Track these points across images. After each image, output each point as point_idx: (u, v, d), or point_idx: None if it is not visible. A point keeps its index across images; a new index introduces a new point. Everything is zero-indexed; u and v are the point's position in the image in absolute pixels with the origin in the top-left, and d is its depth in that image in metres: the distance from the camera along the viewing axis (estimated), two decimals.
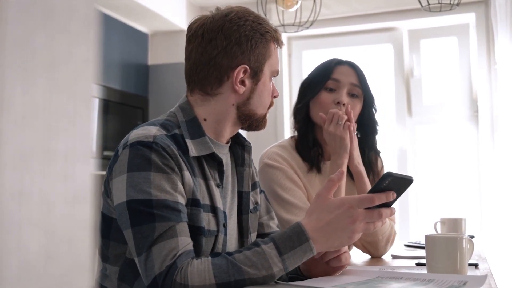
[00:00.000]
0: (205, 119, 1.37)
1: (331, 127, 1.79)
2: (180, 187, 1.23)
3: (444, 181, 4.08)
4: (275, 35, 1.41)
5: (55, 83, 0.46)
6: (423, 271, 1.42)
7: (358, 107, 1.89)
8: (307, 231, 1.16)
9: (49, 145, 0.46)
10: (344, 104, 1.85)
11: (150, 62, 4.08)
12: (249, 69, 1.35)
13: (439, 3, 2.59)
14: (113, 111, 3.33)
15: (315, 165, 1.87)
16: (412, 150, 4.17)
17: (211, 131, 1.38)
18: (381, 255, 1.88)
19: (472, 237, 1.89)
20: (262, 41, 1.37)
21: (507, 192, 3.64)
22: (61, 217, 0.47)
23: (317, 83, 1.88)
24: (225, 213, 1.36)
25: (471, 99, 4.05)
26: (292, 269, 1.17)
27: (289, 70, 4.48)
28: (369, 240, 1.84)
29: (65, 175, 0.47)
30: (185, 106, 1.40)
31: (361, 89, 1.89)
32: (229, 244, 1.37)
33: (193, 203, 1.26)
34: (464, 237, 1.37)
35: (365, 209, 1.17)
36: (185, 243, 1.17)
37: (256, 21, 1.38)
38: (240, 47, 1.34)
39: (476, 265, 1.59)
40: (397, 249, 2.02)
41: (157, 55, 4.28)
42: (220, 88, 1.36)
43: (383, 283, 1.25)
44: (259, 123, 1.43)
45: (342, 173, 1.21)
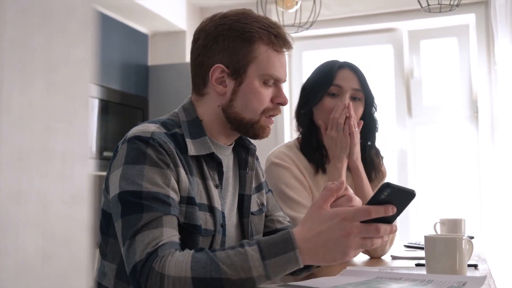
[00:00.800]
0: (202, 120, 1.38)
1: (332, 132, 1.86)
2: (173, 182, 1.23)
3: (444, 182, 4.08)
4: (265, 38, 1.34)
5: (53, 84, 0.47)
6: (423, 271, 1.42)
7: (360, 110, 1.94)
8: (296, 240, 1.08)
9: (46, 146, 0.46)
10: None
11: (150, 62, 4.09)
12: (226, 69, 1.33)
13: (439, 4, 2.59)
14: (113, 111, 3.34)
15: (320, 166, 1.91)
16: (412, 150, 4.17)
17: (209, 132, 1.38)
18: (381, 255, 1.89)
19: (471, 237, 1.89)
20: (240, 40, 1.33)
21: (507, 192, 3.64)
22: (59, 217, 0.47)
23: (320, 89, 1.92)
24: (223, 213, 1.36)
25: (471, 100, 4.05)
26: (276, 277, 1.10)
27: (289, 70, 4.48)
28: None
29: (62, 175, 0.47)
30: (187, 106, 1.41)
31: (363, 92, 1.93)
32: (227, 245, 1.37)
33: (189, 201, 1.27)
34: (463, 237, 1.37)
35: (362, 222, 1.06)
36: (170, 234, 1.16)
37: (240, 21, 1.34)
38: (217, 46, 1.34)
39: (475, 266, 1.59)
40: (397, 249, 2.03)
41: (157, 56, 4.28)
42: (206, 88, 1.38)
43: (382, 283, 1.25)
44: (253, 130, 1.37)
45: (342, 183, 1.11)
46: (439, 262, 1.36)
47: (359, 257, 1.88)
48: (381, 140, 2.14)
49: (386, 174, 2.16)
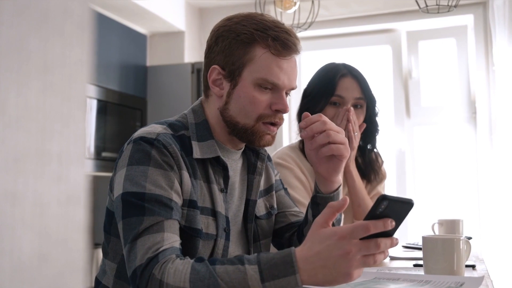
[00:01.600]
0: (209, 123, 1.37)
1: None
2: (176, 185, 1.23)
3: (442, 183, 4.08)
4: (262, 40, 1.29)
5: (49, 86, 0.47)
6: (421, 272, 1.42)
7: (361, 117, 1.98)
8: (297, 261, 1.03)
9: (42, 147, 0.46)
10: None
11: (148, 63, 4.09)
12: (222, 70, 1.32)
13: (437, 5, 2.59)
14: (111, 112, 3.34)
15: None
16: (410, 151, 4.18)
17: (216, 135, 1.37)
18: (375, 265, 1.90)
19: (469, 238, 1.89)
20: (236, 42, 1.30)
21: (505, 193, 3.64)
22: (55, 218, 0.47)
23: (321, 98, 1.96)
24: (227, 218, 1.35)
25: (469, 101, 4.06)
26: None
27: None
28: None
29: (58, 176, 0.47)
30: (197, 108, 1.40)
31: (365, 100, 1.97)
32: (231, 250, 1.36)
33: (190, 204, 1.26)
34: (461, 238, 1.37)
35: (361, 239, 1.01)
36: (171, 239, 1.16)
37: (240, 23, 1.32)
38: (217, 47, 1.34)
39: (473, 267, 1.59)
40: (395, 250, 2.03)
41: (156, 57, 4.28)
42: (208, 89, 1.38)
43: (380, 284, 1.25)
44: (247, 136, 1.33)
45: (345, 200, 1.04)
46: (437, 262, 1.36)
47: None
48: (379, 141, 2.15)
49: (385, 176, 2.18)
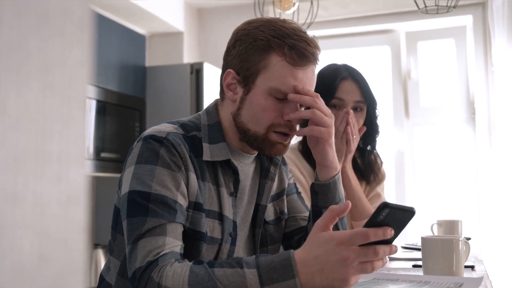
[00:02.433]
0: (222, 125, 1.35)
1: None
2: (182, 186, 1.23)
3: (441, 183, 4.08)
4: (278, 48, 1.26)
5: (49, 86, 0.47)
6: (420, 273, 1.42)
7: (361, 120, 1.99)
8: (296, 264, 1.02)
9: (42, 147, 0.46)
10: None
11: (147, 64, 4.09)
12: (237, 75, 1.30)
13: (436, 6, 2.59)
14: (110, 112, 3.33)
15: None
16: (409, 152, 4.18)
17: (229, 138, 1.35)
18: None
19: (468, 239, 1.89)
20: (252, 47, 1.28)
21: (504, 194, 3.64)
22: (55, 218, 0.47)
23: None
24: (235, 222, 1.34)
25: (468, 101, 4.06)
26: None
27: None
28: None
29: (58, 177, 0.47)
30: (211, 109, 1.38)
31: (365, 103, 1.97)
32: (236, 255, 1.35)
33: (196, 206, 1.25)
34: (460, 239, 1.38)
35: (360, 245, 1.00)
36: (172, 243, 1.16)
37: (259, 28, 1.28)
38: (234, 51, 1.32)
39: (472, 267, 1.59)
40: None
41: (155, 57, 4.28)
42: (223, 92, 1.36)
43: (379, 284, 1.25)
44: (258, 143, 1.31)
45: (346, 205, 1.03)
46: (436, 263, 1.36)
47: None
48: (379, 141, 2.16)
49: (385, 177, 2.18)
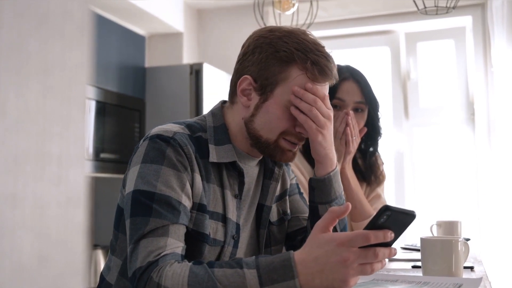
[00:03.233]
0: (228, 128, 1.36)
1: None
2: (187, 187, 1.22)
3: (441, 184, 4.08)
4: (301, 62, 1.27)
5: (49, 88, 0.47)
6: (419, 273, 1.42)
7: (362, 121, 1.98)
8: (296, 265, 1.03)
9: (42, 149, 0.46)
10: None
11: (147, 64, 4.09)
12: (254, 82, 1.30)
13: (435, 6, 2.59)
14: (110, 113, 3.33)
15: None
16: (409, 152, 4.18)
17: (234, 140, 1.35)
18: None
19: (467, 240, 1.89)
20: (273, 58, 1.28)
21: (504, 194, 3.64)
22: (55, 220, 0.47)
23: None
24: (238, 225, 1.34)
25: (467, 102, 4.06)
26: None
27: None
28: None
29: (58, 178, 0.47)
30: (216, 111, 1.38)
31: (366, 104, 1.96)
32: (238, 257, 1.35)
33: (200, 208, 1.25)
34: (459, 240, 1.38)
35: (360, 247, 1.01)
36: (174, 245, 1.16)
37: (282, 39, 1.29)
38: (253, 57, 1.31)
39: (471, 268, 1.59)
40: None
41: (154, 58, 4.28)
42: (235, 96, 1.35)
43: (379, 285, 1.25)
44: (269, 150, 1.32)
45: (346, 207, 1.05)
46: (435, 264, 1.36)
47: None
48: (380, 143, 2.16)
49: (385, 177, 2.18)
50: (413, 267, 1.63)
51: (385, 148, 4.09)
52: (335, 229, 1.39)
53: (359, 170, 2.09)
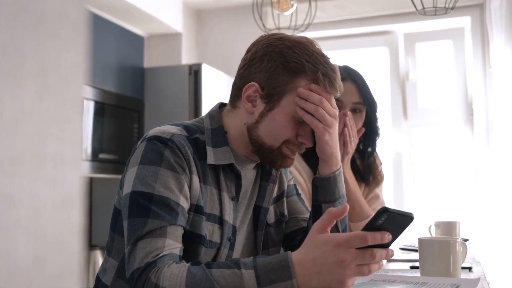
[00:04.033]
0: (227, 131, 1.36)
1: None
2: (185, 189, 1.23)
3: (440, 184, 4.09)
4: (311, 73, 1.28)
5: (45, 89, 0.47)
6: (417, 274, 1.43)
7: (360, 122, 1.97)
8: (294, 266, 1.04)
9: (38, 150, 0.46)
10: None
11: (146, 65, 4.08)
12: (260, 90, 1.30)
13: (434, 7, 2.59)
14: (108, 113, 3.33)
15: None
16: (407, 153, 4.18)
17: (233, 143, 1.36)
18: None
19: (466, 240, 1.89)
20: (283, 67, 1.28)
21: (503, 194, 3.64)
22: (50, 220, 0.47)
23: None
24: (234, 227, 1.34)
25: (466, 102, 4.07)
26: None
27: None
28: None
29: (54, 179, 0.47)
30: (214, 114, 1.38)
31: (364, 104, 1.96)
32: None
33: (197, 209, 1.25)
34: (457, 240, 1.38)
35: (357, 248, 1.02)
36: (172, 246, 1.16)
37: (292, 49, 1.29)
38: (260, 65, 1.30)
39: (470, 268, 1.59)
40: None
41: (153, 58, 4.28)
42: (238, 101, 1.35)
43: (377, 286, 1.25)
44: (272, 156, 1.33)
45: (344, 208, 1.06)
46: (433, 264, 1.36)
47: None
48: (377, 143, 2.16)
49: (383, 178, 2.18)
50: (412, 267, 1.63)
51: (384, 148, 4.09)
52: (337, 230, 1.39)
53: (357, 170, 2.09)
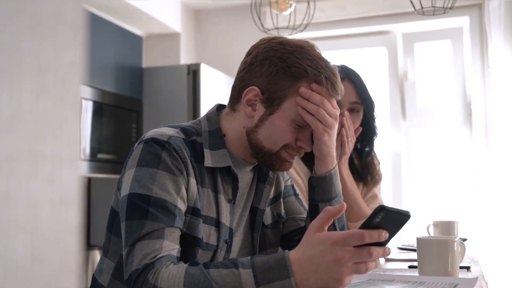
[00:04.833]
0: (225, 133, 1.36)
1: None
2: (183, 191, 1.23)
3: (438, 184, 4.09)
4: (313, 78, 1.28)
5: (42, 87, 0.47)
6: (415, 273, 1.43)
7: (357, 121, 1.97)
8: (291, 264, 1.04)
9: (36, 149, 0.46)
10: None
11: (144, 65, 4.09)
12: (261, 94, 1.30)
13: (432, 7, 2.59)
14: (107, 113, 3.33)
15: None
16: (406, 153, 4.18)
17: (230, 146, 1.36)
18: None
19: (464, 240, 1.90)
20: (284, 72, 1.28)
21: (501, 194, 3.65)
22: (48, 219, 0.47)
23: None
24: (231, 229, 1.34)
25: (465, 102, 4.07)
26: None
27: None
28: None
29: (51, 178, 0.47)
30: (211, 116, 1.38)
31: (361, 104, 1.96)
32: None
33: (193, 212, 1.26)
34: (455, 240, 1.38)
35: (354, 247, 1.02)
36: (169, 247, 1.16)
37: (293, 54, 1.29)
38: (261, 69, 1.30)
39: (468, 268, 1.60)
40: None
41: (152, 58, 4.28)
42: (238, 104, 1.35)
43: (375, 285, 1.26)
44: (271, 160, 1.33)
45: (341, 206, 1.06)
46: (431, 264, 1.37)
47: None
48: (376, 143, 2.16)
49: (381, 177, 2.18)
50: (410, 267, 1.63)
51: (382, 148, 4.09)
52: (334, 229, 1.40)
53: (355, 170, 2.09)
